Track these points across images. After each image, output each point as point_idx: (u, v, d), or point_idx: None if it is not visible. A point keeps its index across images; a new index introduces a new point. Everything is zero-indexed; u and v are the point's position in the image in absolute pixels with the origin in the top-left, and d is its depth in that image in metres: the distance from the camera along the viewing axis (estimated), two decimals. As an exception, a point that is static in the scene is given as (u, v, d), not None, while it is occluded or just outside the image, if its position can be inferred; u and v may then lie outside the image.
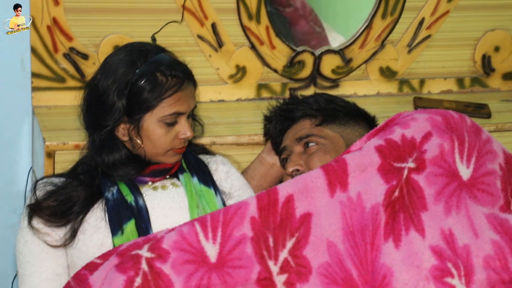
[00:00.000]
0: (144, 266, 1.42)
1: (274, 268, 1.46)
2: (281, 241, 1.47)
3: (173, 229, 1.48)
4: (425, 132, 1.62)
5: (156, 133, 1.74)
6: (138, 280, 1.41)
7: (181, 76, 1.76)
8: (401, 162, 1.58)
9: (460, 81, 2.52)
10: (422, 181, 1.55)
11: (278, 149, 1.98)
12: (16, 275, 2.29)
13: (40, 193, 1.78)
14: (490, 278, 1.47)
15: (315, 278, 1.46)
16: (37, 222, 1.75)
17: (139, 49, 1.77)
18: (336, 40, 2.43)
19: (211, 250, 1.45)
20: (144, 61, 1.74)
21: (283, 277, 1.46)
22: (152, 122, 1.74)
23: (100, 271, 1.45)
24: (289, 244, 1.47)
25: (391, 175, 1.56)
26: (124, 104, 1.72)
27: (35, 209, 1.75)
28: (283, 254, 1.47)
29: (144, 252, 1.43)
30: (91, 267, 1.50)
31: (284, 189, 1.50)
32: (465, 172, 1.61)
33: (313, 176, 1.53)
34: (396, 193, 1.54)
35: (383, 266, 1.46)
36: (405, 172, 1.56)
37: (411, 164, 1.58)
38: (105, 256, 1.54)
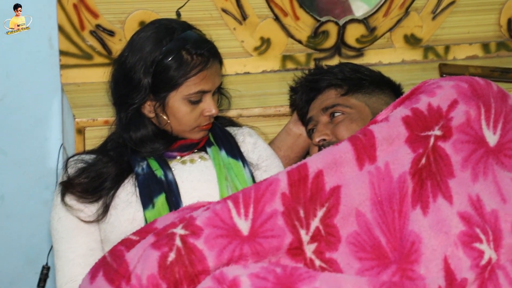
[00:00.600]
0: (178, 242, 1.45)
1: (305, 238, 1.49)
2: (312, 212, 1.50)
3: (207, 208, 1.51)
4: (451, 100, 1.63)
5: (182, 111, 1.76)
6: (171, 255, 1.44)
7: (207, 55, 1.77)
8: (428, 130, 1.58)
9: (485, 46, 2.50)
10: (448, 148, 1.56)
11: (304, 119, 2.00)
12: (51, 249, 2.35)
13: (71, 170, 1.82)
14: None
15: (344, 247, 1.48)
16: (70, 199, 1.78)
17: (166, 27, 1.79)
18: (360, 8, 2.42)
19: (243, 225, 1.48)
20: (170, 39, 1.76)
21: (313, 246, 1.49)
22: (177, 100, 1.76)
23: (137, 249, 1.48)
24: (320, 213, 1.50)
25: (417, 143, 1.57)
26: (150, 81, 1.74)
27: (68, 186, 1.78)
28: (315, 223, 1.50)
29: (179, 230, 1.47)
30: (127, 243, 1.54)
31: (314, 164, 1.52)
32: (491, 138, 1.61)
33: (342, 150, 1.54)
34: (423, 161, 1.55)
35: (411, 233, 1.48)
36: (432, 140, 1.57)
37: (437, 132, 1.58)
38: (140, 233, 1.57)
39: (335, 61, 2.38)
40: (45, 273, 2.40)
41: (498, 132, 1.62)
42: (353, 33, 2.37)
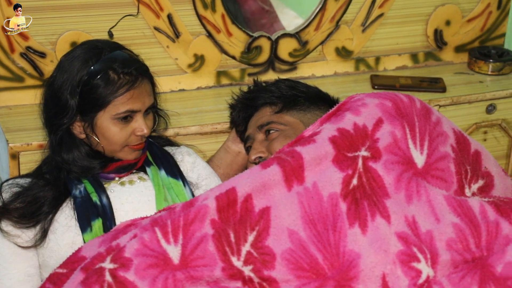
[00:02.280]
0: (108, 277, 1.44)
1: (238, 263, 1.49)
2: (242, 236, 1.51)
3: (135, 236, 1.49)
4: (376, 119, 1.65)
5: (111, 131, 1.76)
6: None
7: (135, 74, 1.76)
8: (354, 151, 1.61)
9: (414, 56, 2.57)
10: (380, 169, 1.59)
11: (242, 136, 2.01)
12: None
13: (6, 195, 1.79)
14: (454, 259, 1.52)
15: (281, 265, 1.49)
16: (6, 225, 1.75)
17: (94, 47, 1.78)
18: (287, 15, 2.46)
19: (173, 252, 1.47)
20: (97, 59, 1.75)
21: (249, 267, 1.49)
22: (105, 119, 1.75)
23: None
24: (251, 237, 1.51)
25: (345, 163, 1.59)
26: (76, 102, 1.73)
27: (3, 212, 1.76)
28: (245, 248, 1.50)
29: (107, 264, 1.45)
30: (56, 280, 1.51)
31: (242, 189, 1.53)
32: (419, 158, 1.64)
33: (271, 173, 1.55)
34: (355, 182, 1.57)
35: (351, 253, 1.50)
36: (360, 160, 1.60)
37: (364, 153, 1.61)
38: (67, 265, 1.55)
39: (269, 75, 2.40)
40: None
41: (425, 152, 1.66)
42: (286, 47, 2.40)
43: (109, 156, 1.80)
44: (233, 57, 2.36)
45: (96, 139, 1.76)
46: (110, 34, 2.20)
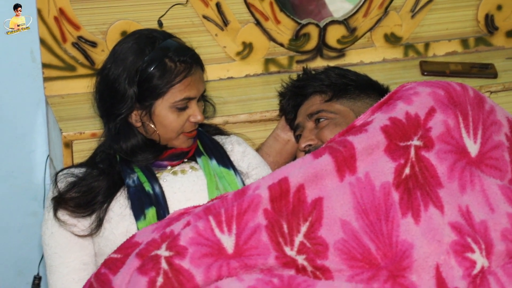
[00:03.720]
0: (164, 265, 1.45)
1: (291, 253, 1.50)
2: (295, 226, 1.51)
3: (188, 224, 1.51)
4: (428, 108, 1.63)
5: (168, 118, 1.78)
6: (159, 280, 1.44)
7: (189, 61, 1.78)
8: (406, 140, 1.59)
9: (464, 42, 2.53)
10: (433, 159, 1.57)
11: (292, 125, 2.02)
12: (41, 259, 2.35)
13: (61, 184, 1.82)
14: (509, 250, 1.51)
15: (334, 255, 1.49)
16: (62, 214, 1.78)
17: (146, 36, 1.80)
18: (334, 0, 2.44)
19: (228, 242, 1.48)
20: (152, 48, 1.77)
21: (302, 256, 1.50)
22: (163, 108, 1.77)
23: (122, 275, 1.48)
24: (303, 228, 1.51)
25: (397, 153, 1.58)
26: (135, 91, 1.75)
27: (60, 202, 1.78)
28: (299, 239, 1.51)
29: (163, 252, 1.47)
30: (111, 265, 1.53)
31: (294, 179, 1.53)
32: (473, 147, 1.62)
33: (323, 163, 1.55)
34: (407, 171, 1.56)
35: (404, 243, 1.49)
36: (412, 150, 1.58)
37: (416, 142, 1.59)
38: (121, 250, 1.56)
39: (317, 62, 2.40)
40: (36, 283, 2.40)
41: (478, 141, 1.64)
42: (334, 34, 2.39)
43: (163, 144, 1.82)
44: (281, 45, 2.36)
45: (153, 127, 1.78)
46: (160, 23, 2.21)
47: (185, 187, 1.81)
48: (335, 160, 1.55)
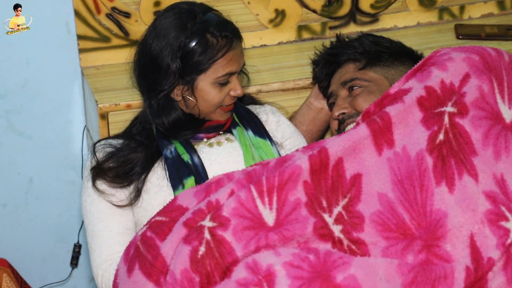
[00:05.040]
0: (207, 235, 1.48)
1: (329, 219, 1.51)
2: (334, 202, 1.52)
3: (232, 193, 1.53)
4: (463, 74, 1.62)
5: (211, 93, 1.79)
6: (202, 249, 1.47)
7: (231, 36, 1.78)
8: (440, 107, 1.59)
9: (500, 3, 2.49)
10: (467, 125, 1.57)
11: (325, 92, 2.01)
12: (81, 227, 2.40)
13: (99, 154, 1.84)
14: None
15: (369, 227, 1.50)
16: (100, 183, 1.81)
17: (187, 11, 1.79)
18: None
19: (268, 217, 1.50)
20: (194, 23, 1.76)
21: (339, 227, 1.52)
22: (206, 83, 1.78)
23: (171, 242, 1.51)
24: (342, 203, 1.53)
25: (431, 120, 1.57)
26: (178, 66, 1.75)
27: (98, 172, 1.81)
28: (337, 209, 1.52)
29: (207, 222, 1.49)
30: (157, 229, 1.55)
31: (334, 152, 1.54)
32: (507, 113, 1.61)
33: (360, 135, 1.55)
34: (441, 137, 1.56)
35: (438, 212, 1.49)
36: (446, 116, 1.58)
37: (450, 109, 1.58)
38: (166, 213, 1.58)
39: (350, 28, 2.38)
40: (77, 251, 2.46)
41: None
42: (367, -1, 2.37)
43: (201, 117, 1.83)
44: (314, 11, 2.35)
45: (194, 101, 1.79)
46: (193, -8, 2.21)
47: (221, 158, 1.83)
48: (372, 133, 1.56)
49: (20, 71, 2.24)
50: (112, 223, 1.80)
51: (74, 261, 2.46)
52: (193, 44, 1.75)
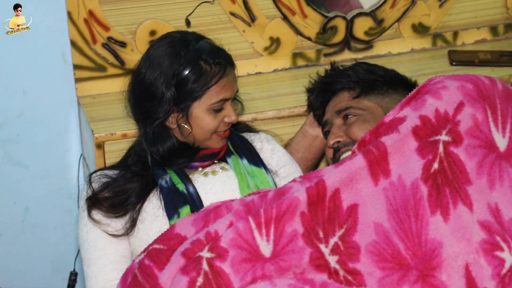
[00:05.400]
0: (205, 266, 1.48)
1: (325, 250, 1.52)
2: (331, 232, 1.53)
3: (231, 224, 1.54)
4: (457, 102, 1.63)
5: (205, 120, 1.80)
6: (200, 280, 1.47)
7: (223, 63, 1.80)
8: (435, 135, 1.60)
9: (493, 29, 2.51)
10: (462, 154, 1.57)
11: (320, 120, 2.03)
12: (77, 255, 2.40)
13: (95, 185, 1.85)
14: None
15: (365, 257, 1.51)
16: (96, 213, 1.82)
17: (180, 39, 1.81)
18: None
19: (266, 248, 1.51)
20: (186, 51, 1.78)
21: (335, 257, 1.52)
22: (201, 110, 1.79)
23: (169, 272, 1.51)
24: (339, 233, 1.53)
25: (426, 149, 1.58)
26: (173, 94, 1.77)
27: (94, 202, 1.82)
28: (334, 240, 1.53)
29: (205, 253, 1.50)
30: (155, 257, 1.56)
31: (331, 183, 1.55)
32: (501, 142, 1.62)
33: (357, 166, 1.56)
34: (436, 166, 1.56)
35: (433, 241, 1.50)
36: (440, 145, 1.58)
37: (444, 137, 1.59)
38: (164, 241, 1.59)
39: (345, 55, 2.40)
40: (73, 278, 2.45)
41: (507, 135, 1.63)
42: (361, 26, 2.39)
43: (196, 145, 1.84)
44: (309, 38, 2.37)
45: (189, 128, 1.80)
46: (187, 21, 2.23)
47: (216, 188, 1.84)
48: (369, 164, 1.57)
49: (17, 101, 2.25)
50: (108, 251, 1.81)
51: (71, 289, 2.45)
52: (187, 72, 1.77)
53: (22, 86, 2.24)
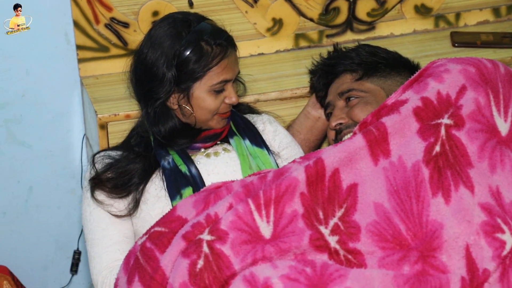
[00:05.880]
0: (205, 248, 1.49)
1: (325, 231, 1.53)
2: (330, 213, 1.54)
3: (231, 206, 1.55)
4: (459, 86, 1.63)
5: (206, 101, 1.81)
6: (200, 262, 1.48)
7: (225, 44, 1.80)
8: (437, 118, 1.60)
9: (496, 10, 2.51)
10: (464, 138, 1.58)
11: (323, 102, 2.03)
12: (81, 234, 2.42)
13: (99, 165, 1.86)
14: None
15: (365, 237, 1.52)
16: (99, 194, 1.83)
17: (181, 20, 1.81)
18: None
19: (266, 230, 1.52)
20: (188, 31, 1.79)
21: (335, 237, 1.53)
22: (202, 91, 1.80)
23: (170, 255, 1.52)
24: (338, 213, 1.54)
25: (427, 132, 1.59)
26: (173, 74, 1.77)
27: (97, 182, 1.83)
28: (333, 221, 1.54)
29: (205, 236, 1.51)
30: (156, 240, 1.57)
31: (330, 163, 1.55)
32: (503, 126, 1.62)
33: (357, 146, 1.56)
34: (438, 148, 1.57)
35: (434, 223, 1.51)
36: (442, 128, 1.59)
37: (447, 121, 1.60)
38: (165, 224, 1.59)
39: (347, 36, 2.40)
40: (76, 257, 2.48)
41: (509, 119, 1.63)
42: (364, 7, 2.39)
43: (198, 126, 1.85)
44: (311, 19, 2.37)
45: (190, 109, 1.81)
46: (190, 2, 2.23)
47: (218, 169, 1.85)
48: (368, 143, 1.57)
49: (20, 82, 2.26)
50: (111, 231, 1.82)
51: (74, 268, 2.48)
52: (188, 52, 1.77)
53: (25, 66, 2.24)
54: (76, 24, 2.19)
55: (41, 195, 2.42)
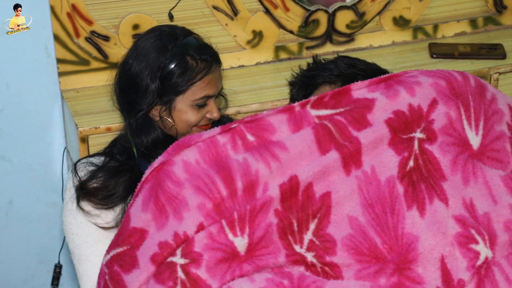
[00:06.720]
0: (180, 274, 1.46)
1: (301, 250, 1.53)
2: (304, 224, 1.54)
3: (202, 228, 1.51)
4: (430, 99, 1.65)
5: (187, 114, 1.82)
6: None
7: (210, 60, 1.81)
8: (409, 132, 1.62)
9: (473, 22, 2.54)
10: (436, 152, 1.59)
11: (301, 114, 2.04)
12: (61, 248, 2.42)
13: (82, 173, 1.83)
14: None
15: (341, 250, 1.53)
16: (85, 204, 1.81)
17: (168, 33, 1.82)
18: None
19: (240, 244, 1.50)
20: (174, 45, 1.80)
21: (311, 253, 1.53)
22: (184, 104, 1.81)
23: (139, 281, 1.49)
24: (312, 226, 1.54)
25: (401, 145, 1.60)
26: (157, 86, 1.78)
27: (84, 192, 1.81)
28: (308, 237, 1.54)
29: (178, 259, 1.48)
30: (120, 261, 1.53)
31: (304, 178, 1.55)
32: (474, 139, 1.64)
33: (331, 160, 1.57)
34: (411, 163, 1.58)
35: (409, 235, 1.52)
36: (415, 142, 1.60)
37: (419, 135, 1.61)
38: (124, 241, 1.54)
39: (326, 48, 2.42)
40: (57, 271, 2.47)
41: (480, 132, 1.65)
42: (343, 20, 2.41)
43: (178, 138, 1.85)
44: (291, 32, 2.39)
45: (171, 122, 1.82)
46: (170, 15, 2.25)
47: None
48: (342, 156, 1.58)
49: (0, 95, 2.26)
50: (100, 247, 1.80)
51: (55, 282, 2.47)
52: (173, 65, 1.78)
53: (5, 80, 2.24)
54: (56, 38, 2.20)
55: (22, 208, 2.41)
